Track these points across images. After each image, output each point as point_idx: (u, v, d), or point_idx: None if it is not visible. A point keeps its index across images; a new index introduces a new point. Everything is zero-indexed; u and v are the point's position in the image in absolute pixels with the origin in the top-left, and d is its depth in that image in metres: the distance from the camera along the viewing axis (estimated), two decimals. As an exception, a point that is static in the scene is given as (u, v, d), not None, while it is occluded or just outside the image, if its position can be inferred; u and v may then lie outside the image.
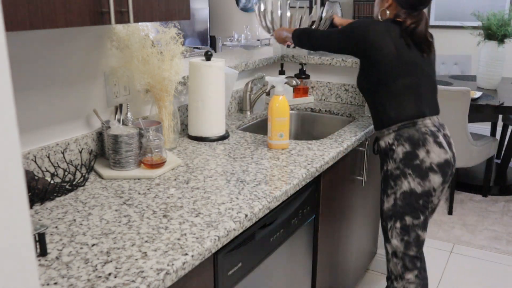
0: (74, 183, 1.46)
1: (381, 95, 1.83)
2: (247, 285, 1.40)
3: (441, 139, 1.82)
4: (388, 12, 1.87)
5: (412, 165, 1.78)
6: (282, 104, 1.82)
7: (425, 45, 1.85)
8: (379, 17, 1.89)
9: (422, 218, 1.83)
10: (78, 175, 1.54)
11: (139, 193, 1.43)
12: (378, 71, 1.81)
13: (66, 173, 1.52)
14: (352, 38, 1.85)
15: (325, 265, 1.99)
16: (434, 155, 1.79)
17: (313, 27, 2.36)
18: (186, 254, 1.09)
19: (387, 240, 1.91)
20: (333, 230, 2.01)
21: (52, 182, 1.41)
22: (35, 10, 1.06)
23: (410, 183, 1.79)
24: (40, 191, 1.35)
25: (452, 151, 1.85)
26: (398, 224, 1.85)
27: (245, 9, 5.38)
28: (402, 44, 1.80)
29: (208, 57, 1.92)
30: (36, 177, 1.38)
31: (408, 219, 1.83)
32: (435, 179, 1.80)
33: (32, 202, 1.35)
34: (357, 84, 1.94)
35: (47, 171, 1.50)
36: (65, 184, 1.45)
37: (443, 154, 1.80)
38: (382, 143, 1.87)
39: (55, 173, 1.51)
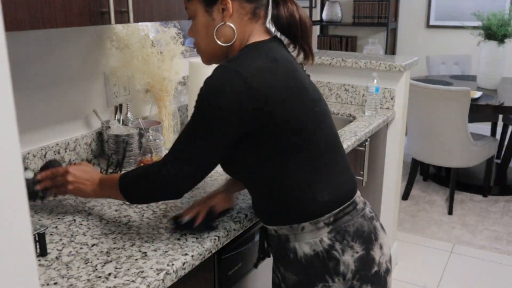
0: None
1: (293, 167, 1.08)
2: (247, 285, 1.40)
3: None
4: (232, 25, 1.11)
5: (369, 276, 1.13)
6: None
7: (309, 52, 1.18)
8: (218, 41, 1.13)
9: None
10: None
11: (139, 193, 1.43)
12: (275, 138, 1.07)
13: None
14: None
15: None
16: (386, 248, 1.19)
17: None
18: (186, 254, 1.09)
19: None
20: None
21: None
22: (35, 10, 1.06)
23: None
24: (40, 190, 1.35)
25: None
26: None
27: (245, 9, 5.39)
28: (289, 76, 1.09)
29: (208, 57, 1.92)
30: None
31: None
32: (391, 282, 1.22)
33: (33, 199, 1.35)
34: (232, 171, 1.15)
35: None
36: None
37: (387, 238, 1.21)
38: (305, 249, 1.11)
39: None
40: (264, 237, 1.27)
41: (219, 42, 1.12)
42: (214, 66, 1.12)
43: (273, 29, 1.21)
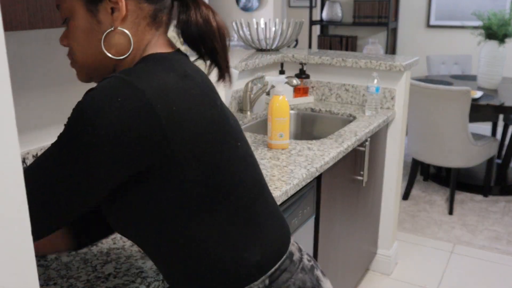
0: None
1: (208, 226, 0.83)
2: (247, 285, 1.40)
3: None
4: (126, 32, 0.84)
5: None
6: (282, 104, 1.81)
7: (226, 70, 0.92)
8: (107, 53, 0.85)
9: None
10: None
11: (139, 193, 1.42)
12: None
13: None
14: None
15: (325, 265, 1.98)
16: None
17: None
18: (186, 254, 1.09)
19: None
20: (333, 230, 2.01)
21: None
22: (35, 10, 1.06)
23: None
24: None
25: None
26: None
27: (245, 9, 5.38)
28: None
29: (208, 57, 1.91)
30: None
31: None
32: None
33: None
34: (120, 228, 0.86)
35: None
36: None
37: (329, 283, 1.00)
38: None
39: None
40: None
41: (108, 54, 0.84)
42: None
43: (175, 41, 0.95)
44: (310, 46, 5.13)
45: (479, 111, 3.33)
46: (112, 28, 0.83)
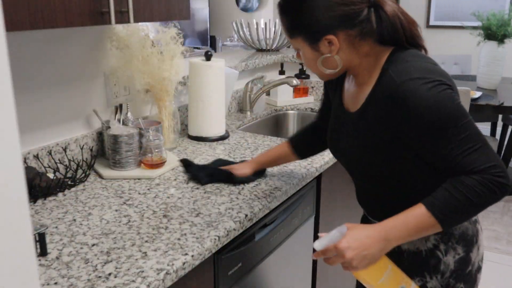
0: (76, 178, 1.47)
1: (427, 167, 1.11)
2: (247, 285, 1.40)
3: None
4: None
5: (464, 275, 1.19)
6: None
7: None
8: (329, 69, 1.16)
9: None
10: (79, 171, 1.55)
11: (139, 193, 1.43)
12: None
13: (67, 169, 1.53)
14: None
15: (325, 265, 1.98)
16: (482, 248, 1.24)
17: None
18: (186, 254, 1.09)
19: None
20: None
21: (54, 177, 1.42)
22: (35, 10, 1.06)
23: None
24: (43, 187, 1.36)
25: None
26: None
27: (245, 9, 5.38)
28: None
29: (208, 57, 1.92)
30: (40, 173, 1.39)
31: None
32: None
33: (36, 198, 1.36)
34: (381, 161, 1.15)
35: (49, 167, 1.51)
36: (67, 180, 1.45)
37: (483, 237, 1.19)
38: (409, 246, 1.20)
39: (57, 169, 1.52)
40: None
41: (326, 71, 1.16)
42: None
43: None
44: (309, 46, 5.12)
45: (478, 111, 3.33)
46: (329, 55, 1.12)
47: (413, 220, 1.03)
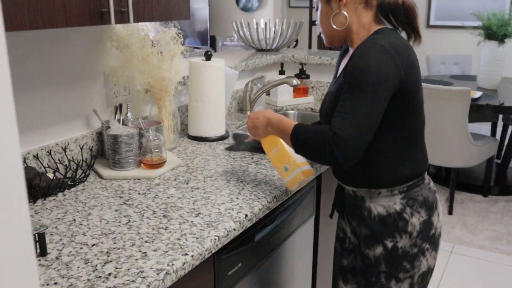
0: (75, 178, 1.47)
1: (391, 142, 1.30)
2: (247, 285, 1.40)
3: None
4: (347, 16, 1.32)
5: (429, 237, 1.37)
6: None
7: (417, 32, 1.35)
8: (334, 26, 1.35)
9: None
10: (79, 171, 1.55)
11: (139, 193, 1.43)
12: (397, 109, 1.27)
13: (67, 169, 1.53)
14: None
15: (325, 265, 1.98)
16: (441, 216, 1.44)
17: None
18: (186, 254, 1.09)
19: None
20: (333, 230, 2.01)
21: (54, 178, 1.42)
22: (35, 10, 1.06)
23: (428, 260, 1.39)
24: (43, 187, 1.36)
25: None
26: None
27: (245, 9, 5.38)
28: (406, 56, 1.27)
29: (208, 57, 1.92)
30: (40, 173, 1.39)
31: None
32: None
33: (35, 198, 1.36)
34: None
35: (49, 167, 1.51)
36: (67, 180, 1.45)
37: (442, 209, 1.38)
38: (379, 210, 1.35)
39: (57, 169, 1.52)
40: (340, 195, 1.46)
41: (334, 27, 1.34)
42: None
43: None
44: (310, 46, 5.13)
45: (478, 111, 3.33)
46: (338, 11, 1.32)
47: (285, 127, 1.31)
